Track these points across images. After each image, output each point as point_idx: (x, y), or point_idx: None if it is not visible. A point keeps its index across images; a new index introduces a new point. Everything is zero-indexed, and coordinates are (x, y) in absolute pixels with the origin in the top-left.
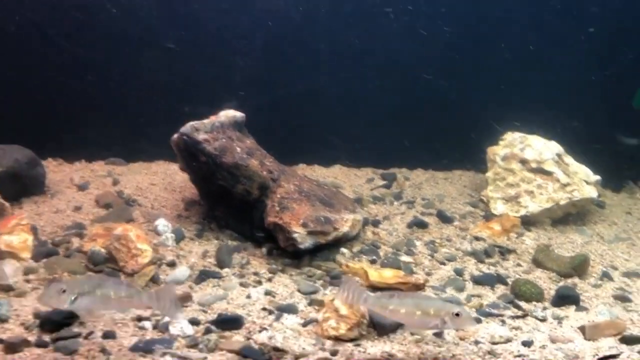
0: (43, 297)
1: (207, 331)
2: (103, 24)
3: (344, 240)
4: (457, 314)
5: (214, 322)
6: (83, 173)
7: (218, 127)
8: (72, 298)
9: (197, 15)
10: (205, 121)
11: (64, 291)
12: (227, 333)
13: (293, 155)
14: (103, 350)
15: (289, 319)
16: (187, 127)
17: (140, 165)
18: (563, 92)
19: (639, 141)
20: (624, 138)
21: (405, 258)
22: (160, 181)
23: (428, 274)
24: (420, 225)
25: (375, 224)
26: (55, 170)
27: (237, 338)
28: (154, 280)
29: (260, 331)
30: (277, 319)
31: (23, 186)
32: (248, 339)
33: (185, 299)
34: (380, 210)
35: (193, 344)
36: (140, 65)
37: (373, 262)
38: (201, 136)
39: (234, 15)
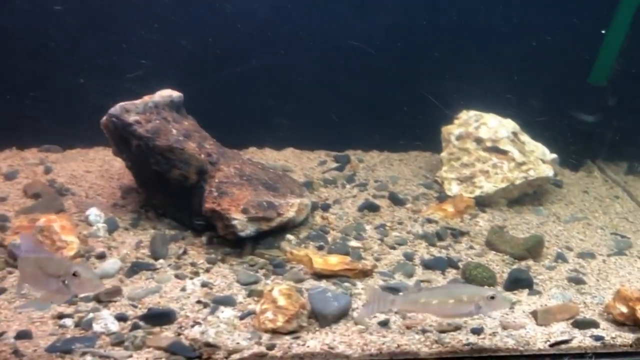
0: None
1: (135, 327)
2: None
3: (290, 226)
4: (491, 297)
5: (142, 318)
6: (12, 161)
7: (151, 107)
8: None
9: None
10: (137, 101)
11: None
12: (156, 329)
13: (244, 138)
14: (15, 352)
15: (226, 312)
16: (117, 108)
17: (77, 152)
18: (520, 68)
19: (596, 118)
20: (582, 115)
21: (354, 243)
22: (97, 168)
23: (377, 259)
24: (372, 208)
25: (325, 208)
26: None
27: (166, 334)
28: None
29: (192, 326)
30: (213, 312)
31: None
32: (178, 334)
33: (114, 293)
34: (331, 193)
35: (118, 342)
36: (77, 45)
37: (320, 248)
38: (132, 118)
39: None
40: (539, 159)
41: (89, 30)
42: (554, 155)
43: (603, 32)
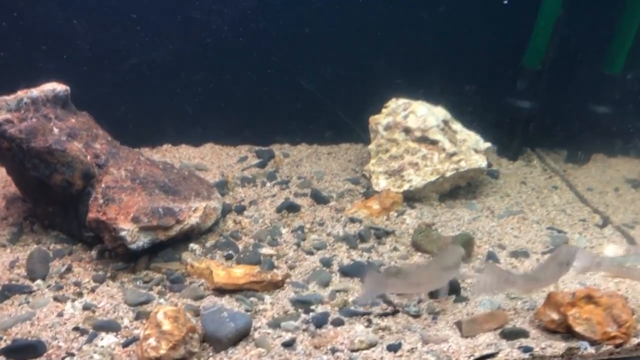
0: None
1: None
2: None
3: (196, 234)
4: None
5: (5, 351)
6: None
7: (27, 104)
8: None
9: None
10: (9, 97)
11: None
12: None
13: (158, 135)
14: None
15: (106, 339)
16: None
17: None
18: (453, 53)
19: (532, 104)
20: (518, 100)
21: (266, 250)
22: None
23: (291, 267)
24: (291, 208)
25: (240, 210)
26: None
27: None
28: None
29: (64, 358)
30: (91, 340)
31: None
32: None
33: None
34: (249, 193)
35: None
36: None
37: (229, 257)
38: (2, 116)
39: None
40: (471, 148)
41: None
42: (489, 144)
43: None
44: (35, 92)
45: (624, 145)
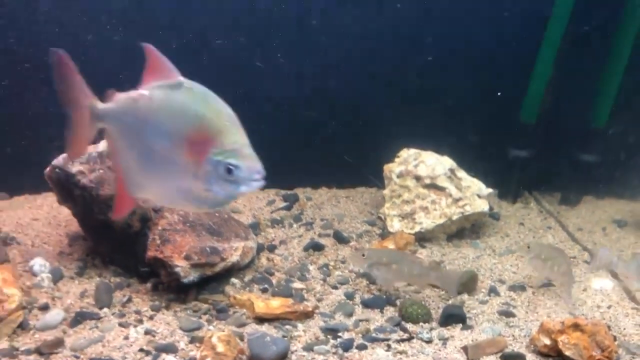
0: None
1: None
2: None
3: (235, 270)
4: None
5: None
6: None
7: (95, 157)
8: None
9: None
10: None
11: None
12: None
13: None
14: None
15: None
16: (60, 159)
17: (25, 199)
18: (457, 108)
19: (529, 153)
20: (516, 151)
21: (297, 284)
22: (45, 215)
23: (319, 300)
24: (316, 247)
25: (271, 249)
26: None
27: None
28: (22, 326)
29: None
30: (154, 359)
31: None
32: None
33: (56, 344)
34: (278, 234)
35: None
36: (27, 94)
37: (265, 290)
38: (75, 168)
39: None
40: (475, 194)
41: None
42: (490, 190)
43: None
44: (101, 147)
45: (610, 189)
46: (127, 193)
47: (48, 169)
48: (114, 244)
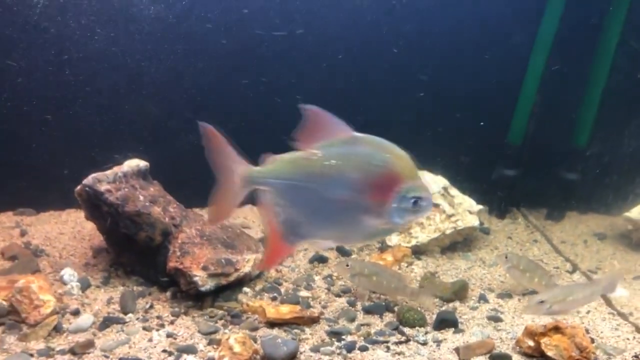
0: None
1: None
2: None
3: (247, 280)
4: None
5: None
6: None
7: (121, 177)
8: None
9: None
10: (108, 172)
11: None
12: None
13: (205, 197)
14: None
15: (188, 359)
16: (90, 179)
17: (50, 215)
18: (450, 131)
19: (516, 172)
20: (505, 170)
21: (304, 293)
22: (70, 230)
23: (324, 307)
24: (321, 260)
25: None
26: None
27: None
28: (57, 329)
29: None
30: (177, 359)
31: None
32: None
33: (88, 345)
34: None
35: None
36: (52, 115)
37: (274, 298)
38: (103, 187)
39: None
40: (466, 210)
41: (63, 101)
42: (481, 207)
43: None
44: (125, 167)
45: (591, 205)
46: (283, 243)
47: (79, 187)
48: (136, 256)
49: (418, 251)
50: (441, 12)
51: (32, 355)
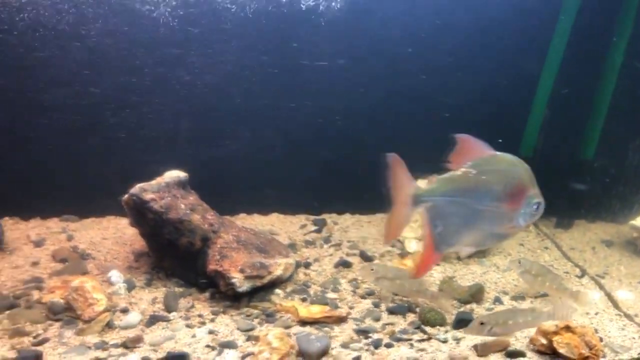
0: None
1: None
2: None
3: (278, 282)
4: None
5: (165, 359)
6: (39, 230)
7: (164, 187)
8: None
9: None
10: (152, 182)
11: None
12: None
13: (234, 205)
14: None
15: (230, 354)
16: (136, 188)
17: (92, 221)
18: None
19: None
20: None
21: (331, 295)
22: (112, 235)
23: (350, 308)
24: (345, 265)
25: (307, 265)
26: (12, 229)
27: None
28: (109, 325)
29: None
30: (219, 354)
31: None
32: None
33: (138, 340)
34: (312, 253)
35: None
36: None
37: (304, 300)
38: (149, 196)
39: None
40: None
41: (106, 113)
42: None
43: None
44: (167, 178)
45: (598, 214)
46: (435, 252)
47: (126, 196)
48: (177, 260)
49: None
50: (463, 40)
51: (89, 348)
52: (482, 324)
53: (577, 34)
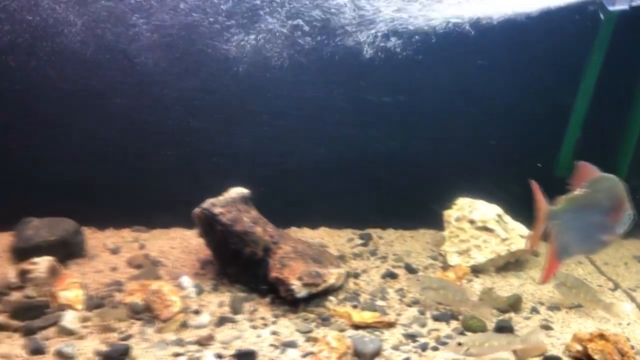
0: (408, 280)
1: None
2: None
3: (332, 290)
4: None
5: (234, 356)
6: (114, 239)
7: (230, 202)
8: (422, 287)
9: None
10: (220, 197)
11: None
12: None
13: (286, 220)
14: None
15: (292, 352)
16: (207, 202)
17: (160, 232)
18: (503, 165)
19: None
20: (552, 200)
21: (380, 303)
22: (179, 245)
23: (398, 315)
24: (392, 276)
25: (356, 276)
26: (91, 237)
27: None
28: (184, 325)
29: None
30: (283, 352)
31: (69, 251)
32: None
33: (210, 339)
34: (359, 264)
35: None
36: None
37: (355, 306)
38: (217, 210)
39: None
40: (519, 235)
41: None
42: (531, 232)
43: None
44: (233, 194)
45: (632, 231)
46: (557, 261)
47: (198, 210)
48: (241, 268)
49: (476, 270)
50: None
51: (168, 344)
52: (459, 344)
53: (608, 66)
